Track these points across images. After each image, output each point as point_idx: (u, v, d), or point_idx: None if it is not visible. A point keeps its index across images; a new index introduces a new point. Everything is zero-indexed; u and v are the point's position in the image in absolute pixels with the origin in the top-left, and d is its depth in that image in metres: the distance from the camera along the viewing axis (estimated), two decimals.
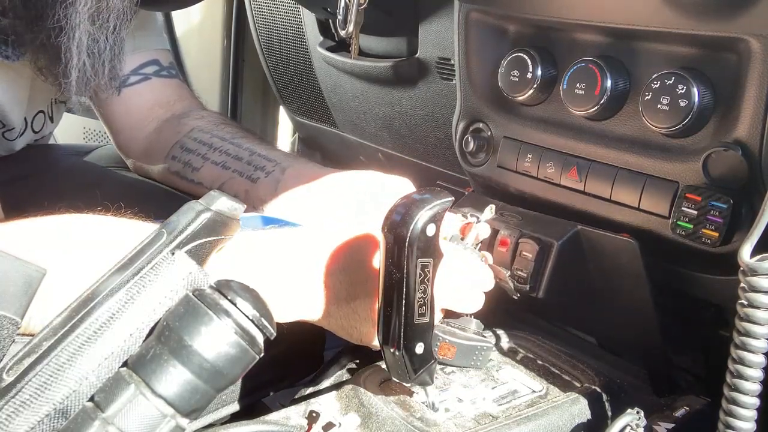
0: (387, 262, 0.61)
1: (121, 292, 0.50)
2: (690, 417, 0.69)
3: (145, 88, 1.06)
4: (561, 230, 0.76)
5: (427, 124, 1.17)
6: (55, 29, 0.75)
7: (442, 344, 0.71)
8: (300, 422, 0.66)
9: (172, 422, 0.46)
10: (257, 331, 0.48)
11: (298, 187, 0.86)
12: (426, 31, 1.08)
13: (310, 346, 0.84)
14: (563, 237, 0.75)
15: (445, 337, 0.71)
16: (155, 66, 1.07)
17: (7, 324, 0.50)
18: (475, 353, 0.73)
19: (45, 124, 1.06)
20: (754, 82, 0.62)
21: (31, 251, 0.54)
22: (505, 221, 0.81)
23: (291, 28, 1.45)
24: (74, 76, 0.78)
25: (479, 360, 0.73)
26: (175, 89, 1.09)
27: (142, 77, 1.05)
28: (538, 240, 0.76)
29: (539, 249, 0.76)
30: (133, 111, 1.06)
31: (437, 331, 0.70)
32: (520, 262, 0.77)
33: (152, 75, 1.06)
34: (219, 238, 0.55)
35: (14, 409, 0.46)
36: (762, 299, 0.54)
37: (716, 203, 0.65)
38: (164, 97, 1.07)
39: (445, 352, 0.71)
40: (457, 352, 0.72)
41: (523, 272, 0.77)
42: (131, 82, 1.05)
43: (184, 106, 1.07)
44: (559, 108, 0.79)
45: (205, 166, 0.96)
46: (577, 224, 0.76)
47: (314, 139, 1.68)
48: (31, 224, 0.62)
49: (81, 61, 0.78)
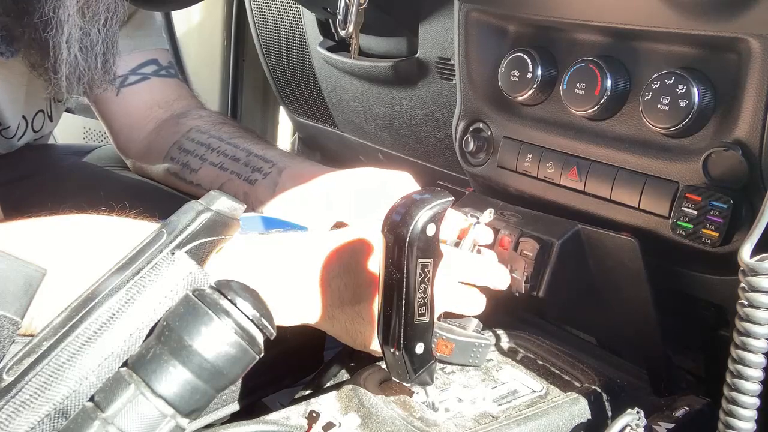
0: (387, 262, 0.61)
1: (121, 292, 0.50)
2: (690, 417, 0.69)
3: (144, 87, 1.06)
4: (562, 229, 0.76)
5: (427, 124, 1.18)
6: (42, 24, 0.75)
7: (439, 341, 0.70)
8: (300, 422, 0.66)
9: (172, 422, 0.46)
10: (257, 331, 0.48)
11: (295, 188, 0.86)
12: (426, 31, 1.08)
13: (310, 346, 0.84)
14: (564, 236, 0.75)
15: (443, 333, 0.71)
16: (154, 65, 1.07)
17: (7, 324, 0.50)
18: (473, 350, 0.72)
19: (45, 123, 1.06)
20: (754, 82, 0.62)
21: (31, 251, 0.54)
22: (505, 220, 0.81)
23: (291, 28, 1.45)
24: (64, 71, 0.78)
25: (477, 357, 0.73)
26: (174, 89, 1.09)
27: (141, 77, 1.05)
28: (539, 239, 0.76)
29: (540, 248, 0.75)
30: (132, 111, 1.06)
31: (435, 329, 0.70)
32: (521, 261, 0.77)
33: (151, 75, 1.06)
34: (219, 238, 0.55)
35: (14, 409, 0.45)
36: (762, 299, 0.54)
37: (716, 203, 0.65)
38: (163, 97, 1.07)
39: (443, 349, 0.71)
40: (454, 348, 0.71)
41: (525, 273, 0.77)
42: (130, 81, 1.05)
43: (183, 106, 1.07)
44: (559, 108, 0.79)
45: (203, 167, 0.96)
46: (578, 223, 0.76)
47: (314, 139, 1.68)
48: (31, 224, 0.62)
49: (72, 55, 0.78)
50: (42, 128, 1.07)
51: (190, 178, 0.97)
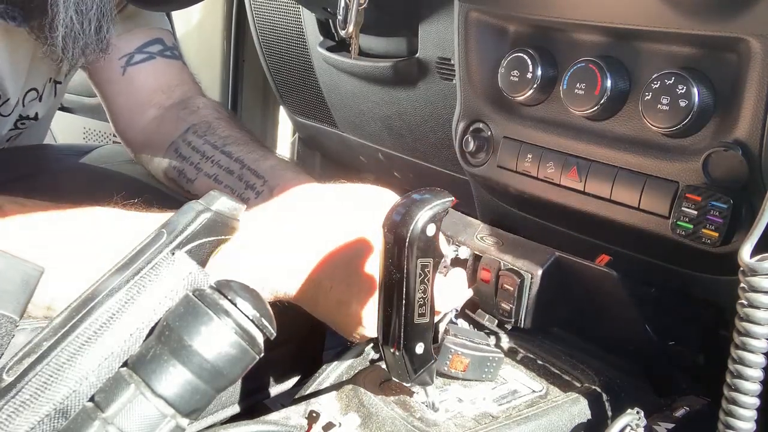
0: (387, 262, 0.61)
1: (121, 292, 0.50)
2: (690, 417, 0.69)
3: (149, 68, 1.05)
4: (540, 258, 0.77)
5: (427, 124, 1.17)
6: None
7: (454, 356, 0.70)
8: (300, 422, 0.66)
9: (172, 422, 0.46)
10: (257, 331, 0.48)
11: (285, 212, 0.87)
12: (426, 31, 1.08)
13: (310, 347, 0.84)
14: (542, 266, 0.77)
15: (457, 348, 0.70)
16: (160, 45, 1.06)
17: (6, 322, 0.51)
18: (487, 364, 0.72)
19: (34, 102, 1.06)
20: (754, 82, 0.62)
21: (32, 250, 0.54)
22: (484, 248, 0.81)
23: (291, 28, 1.45)
24: (61, 31, 0.79)
25: (491, 372, 0.72)
26: (177, 72, 1.08)
27: (147, 56, 1.05)
28: (518, 273, 0.77)
29: (519, 282, 0.77)
30: (135, 93, 1.06)
31: (448, 343, 0.70)
32: (503, 294, 0.79)
33: (157, 54, 1.06)
34: (219, 238, 0.55)
35: (14, 409, 0.46)
36: (762, 299, 0.54)
37: (716, 203, 0.65)
38: (166, 81, 1.07)
39: (457, 366, 0.70)
40: (470, 364, 0.71)
41: (507, 305, 0.78)
42: (136, 60, 1.04)
43: (184, 92, 1.07)
44: (559, 108, 0.79)
45: (199, 178, 0.96)
46: (555, 251, 0.77)
47: (314, 139, 1.68)
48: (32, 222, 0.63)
49: (68, 16, 0.79)
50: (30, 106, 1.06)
51: (187, 187, 0.98)
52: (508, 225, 0.89)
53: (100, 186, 1.04)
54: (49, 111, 1.15)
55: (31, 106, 1.06)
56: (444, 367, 0.70)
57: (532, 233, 0.85)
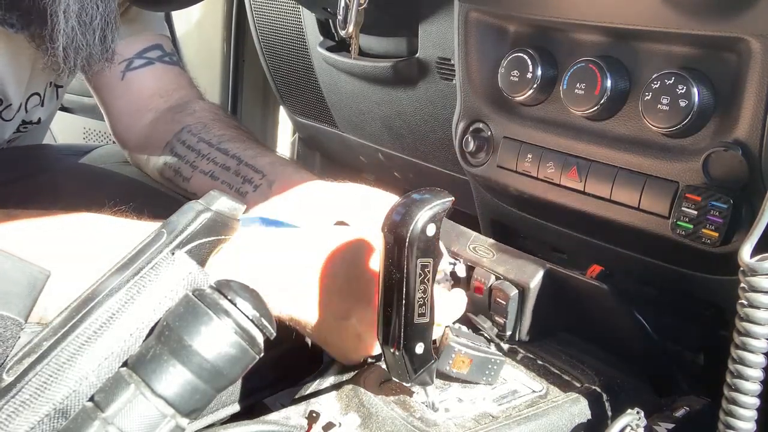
0: (387, 262, 0.61)
1: (121, 292, 0.50)
2: (690, 417, 0.69)
3: (148, 73, 1.06)
4: (532, 271, 0.77)
5: (427, 124, 1.18)
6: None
7: (457, 356, 0.70)
8: (300, 422, 0.66)
9: (172, 422, 0.46)
10: (257, 331, 0.48)
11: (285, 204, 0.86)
12: (426, 31, 1.08)
13: (310, 346, 0.84)
14: (534, 279, 0.76)
15: (461, 348, 0.70)
16: (159, 51, 1.07)
17: (11, 325, 0.51)
18: (489, 366, 0.72)
19: (36, 107, 1.06)
20: (754, 82, 0.62)
21: (33, 251, 0.54)
22: (477, 259, 0.81)
23: (291, 28, 1.45)
24: (61, 41, 0.78)
25: (491, 375, 0.72)
26: (175, 77, 1.09)
27: (147, 61, 1.05)
28: (510, 286, 0.77)
29: (511, 297, 0.77)
30: (134, 97, 1.06)
31: (452, 342, 0.70)
32: (496, 308, 0.79)
33: (156, 60, 1.06)
34: (219, 238, 0.55)
35: (14, 409, 0.46)
36: (762, 299, 0.54)
37: (716, 203, 0.65)
38: (165, 86, 1.07)
39: (460, 365, 0.70)
40: (472, 364, 0.71)
41: (500, 319, 0.78)
42: (135, 66, 1.05)
43: (181, 96, 1.07)
44: (559, 108, 0.79)
45: (195, 175, 0.96)
46: (546, 263, 0.77)
47: (314, 139, 1.68)
48: (33, 223, 0.63)
49: (69, 26, 0.78)
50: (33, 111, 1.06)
51: (183, 185, 0.98)
52: (508, 225, 0.89)
53: (100, 186, 1.05)
54: (50, 114, 1.15)
55: (34, 111, 1.06)
56: (446, 367, 0.70)
57: (532, 233, 0.85)
